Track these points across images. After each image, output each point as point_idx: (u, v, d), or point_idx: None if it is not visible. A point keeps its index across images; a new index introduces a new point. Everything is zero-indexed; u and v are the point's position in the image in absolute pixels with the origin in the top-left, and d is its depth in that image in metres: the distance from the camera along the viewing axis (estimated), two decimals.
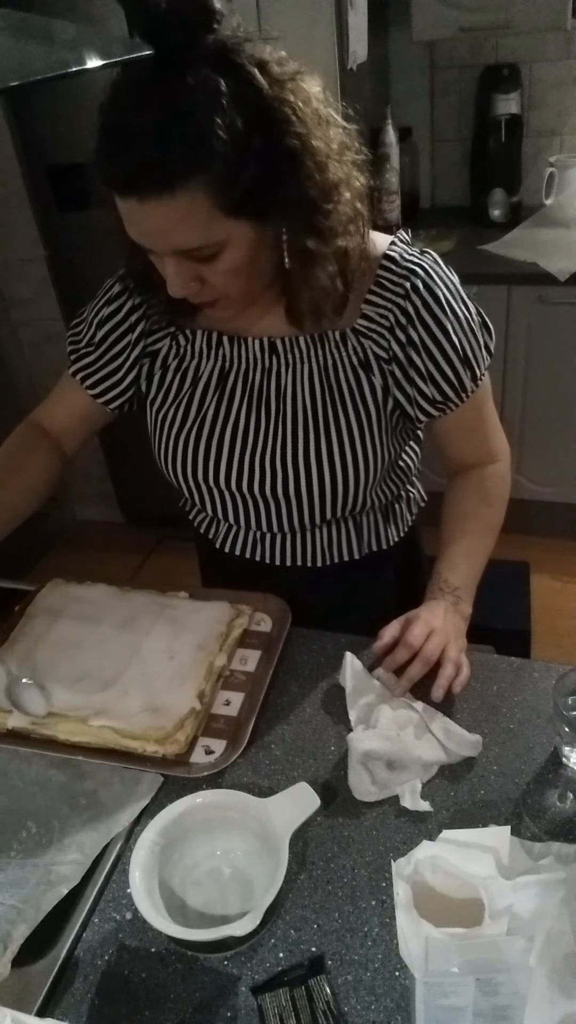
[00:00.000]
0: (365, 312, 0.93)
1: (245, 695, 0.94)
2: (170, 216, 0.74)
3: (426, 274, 0.91)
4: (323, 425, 0.95)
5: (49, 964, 0.71)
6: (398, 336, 0.93)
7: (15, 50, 0.69)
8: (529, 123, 2.37)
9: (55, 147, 2.16)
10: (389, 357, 0.94)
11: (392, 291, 0.92)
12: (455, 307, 0.93)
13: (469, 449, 1.06)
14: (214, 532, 1.14)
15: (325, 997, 0.66)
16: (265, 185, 0.76)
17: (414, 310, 0.91)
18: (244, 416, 0.98)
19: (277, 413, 0.96)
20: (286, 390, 0.96)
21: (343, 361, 0.94)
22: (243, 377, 0.97)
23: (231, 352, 0.97)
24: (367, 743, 0.83)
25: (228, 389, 0.98)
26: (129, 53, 0.81)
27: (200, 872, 0.76)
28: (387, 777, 0.82)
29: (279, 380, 0.96)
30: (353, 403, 0.95)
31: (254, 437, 0.97)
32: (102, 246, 0.94)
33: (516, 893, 0.57)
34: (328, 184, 0.80)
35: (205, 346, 0.98)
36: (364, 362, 0.94)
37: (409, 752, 0.83)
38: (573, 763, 0.81)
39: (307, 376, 0.95)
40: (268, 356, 0.96)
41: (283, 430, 0.96)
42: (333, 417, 0.95)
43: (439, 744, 0.84)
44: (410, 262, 0.92)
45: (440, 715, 0.87)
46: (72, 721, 0.89)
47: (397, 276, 0.91)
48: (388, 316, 0.92)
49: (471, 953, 0.55)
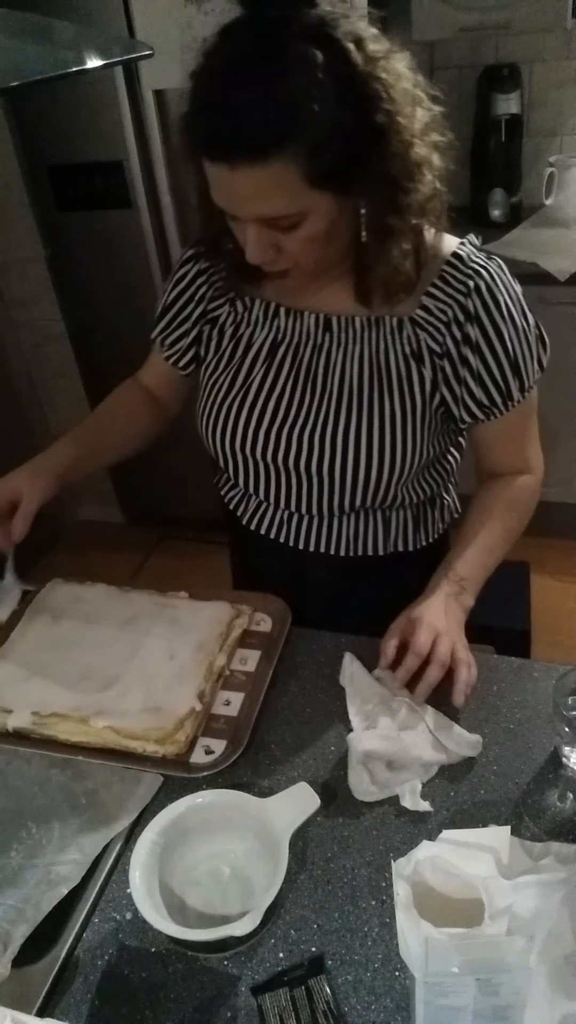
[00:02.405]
0: (424, 303, 0.93)
1: (245, 695, 0.94)
2: (259, 185, 0.76)
3: (491, 277, 0.92)
4: (367, 408, 0.96)
5: (49, 964, 0.71)
6: (454, 332, 0.93)
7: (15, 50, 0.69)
8: (529, 123, 2.37)
9: (55, 147, 2.16)
10: (442, 352, 0.95)
11: (455, 287, 0.92)
12: (514, 314, 0.94)
13: (505, 458, 1.06)
14: (243, 508, 1.15)
15: (325, 997, 0.66)
16: (351, 160, 0.77)
17: (474, 309, 0.92)
18: (289, 389, 0.99)
19: (323, 390, 0.97)
20: (335, 369, 0.97)
21: (396, 348, 0.95)
22: (293, 350, 0.99)
23: (285, 324, 0.98)
24: (367, 743, 0.83)
25: (277, 360, 0.99)
26: (129, 53, 0.81)
27: (200, 872, 0.76)
28: (387, 777, 0.82)
29: (328, 358, 0.97)
30: (400, 391, 0.95)
31: (296, 410, 0.98)
32: (102, 246, 0.94)
33: (516, 893, 0.57)
34: (411, 163, 0.81)
35: (261, 315, 1.00)
36: (416, 353, 0.95)
37: (409, 752, 0.83)
38: (573, 763, 0.81)
39: (357, 358, 0.96)
40: (321, 333, 0.97)
41: (326, 408, 0.97)
42: (379, 402, 0.96)
43: (439, 744, 0.84)
44: (477, 263, 0.93)
45: (440, 715, 0.87)
46: (72, 721, 0.89)
47: (462, 274, 0.92)
48: (447, 311, 0.93)
49: (471, 953, 0.55)
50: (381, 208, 0.83)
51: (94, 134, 2.10)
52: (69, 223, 2.29)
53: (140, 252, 2.25)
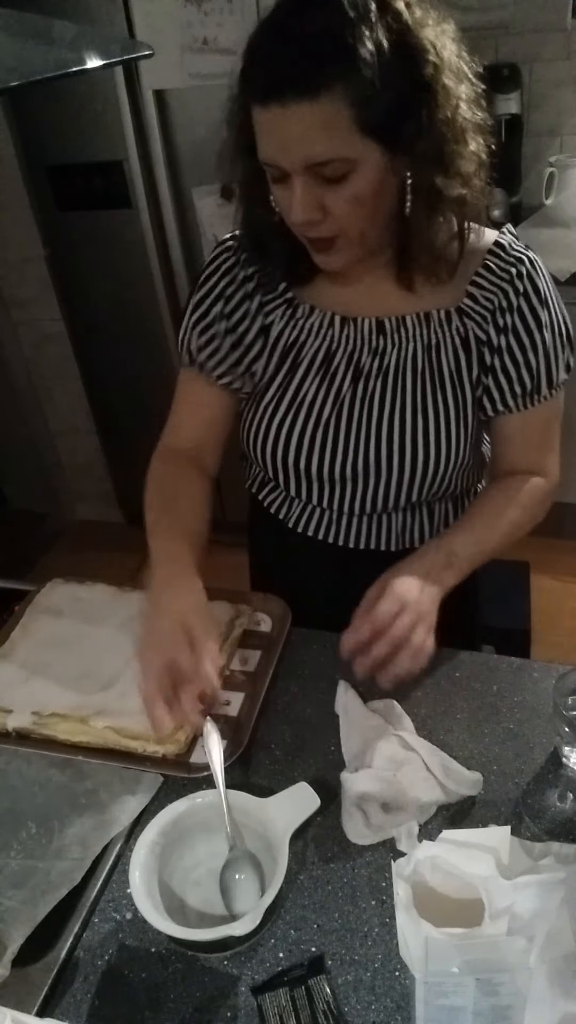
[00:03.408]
0: (471, 292, 0.94)
1: (245, 695, 0.94)
2: (311, 122, 0.75)
3: (531, 265, 0.94)
4: (422, 404, 0.96)
5: (49, 964, 0.71)
6: (497, 321, 0.94)
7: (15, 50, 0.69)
8: (529, 123, 2.37)
9: (55, 147, 2.16)
10: (486, 340, 0.95)
11: (499, 275, 0.93)
12: (551, 305, 0.95)
13: (524, 457, 1.04)
14: (287, 511, 1.13)
15: (325, 997, 0.66)
16: (401, 111, 0.78)
17: (515, 296, 0.93)
18: (347, 399, 0.98)
19: (381, 393, 0.97)
20: (390, 370, 0.96)
21: (446, 341, 0.95)
22: (347, 358, 0.98)
23: (340, 333, 0.97)
24: (362, 785, 0.78)
25: (331, 371, 0.98)
26: (129, 53, 0.81)
27: (200, 872, 0.76)
28: (383, 820, 0.79)
29: (384, 360, 0.96)
30: (452, 384, 0.96)
31: (356, 420, 0.98)
32: (102, 246, 0.94)
33: (516, 893, 0.57)
34: (458, 126, 0.82)
35: (316, 324, 0.98)
36: (465, 343, 0.95)
37: (406, 794, 0.78)
38: (573, 763, 0.81)
39: (411, 355, 0.96)
40: (376, 336, 0.96)
41: (386, 410, 0.97)
42: (432, 397, 0.96)
43: (437, 783, 0.80)
44: (519, 251, 0.94)
45: (439, 752, 0.84)
46: (72, 721, 0.89)
47: (505, 262, 0.93)
48: (492, 299, 0.93)
49: (471, 953, 0.55)
50: (428, 169, 0.82)
51: (94, 134, 2.10)
52: (69, 223, 2.29)
53: (140, 252, 2.25)
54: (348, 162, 0.78)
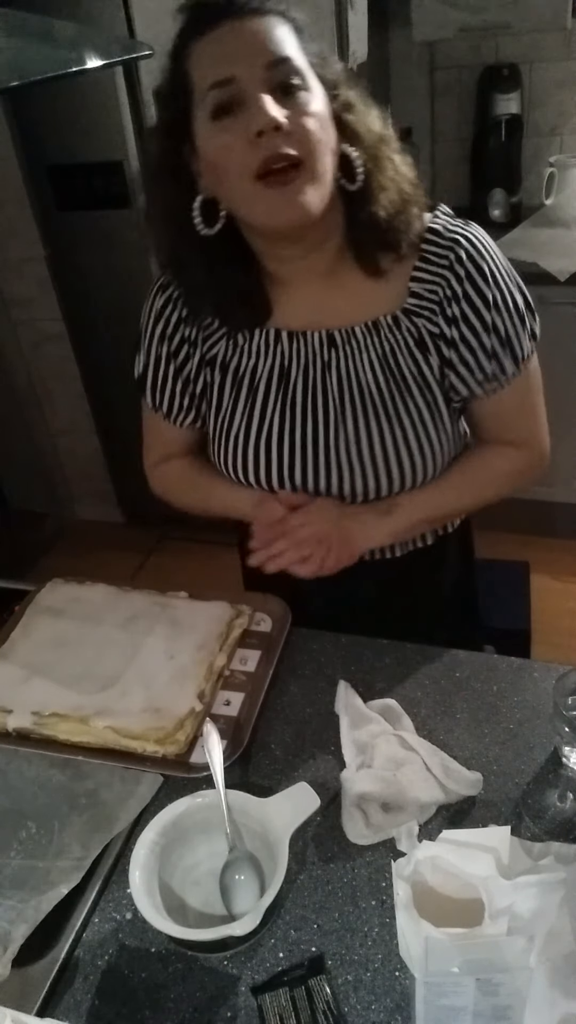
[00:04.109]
0: (414, 290, 0.92)
1: (245, 695, 0.94)
2: (267, 27, 0.80)
3: (471, 244, 0.90)
4: (391, 413, 0.94)
5: (49, 964, 0.71)
6: (446, 312, 0.91)
7: (15, 50, 0.69)
8: (529, 123, 2.37)
9: (55, 147, 2.16)
10: (439, 333, 0.92)
11: (438, 263, 0.90)
12: (499, 281, 0.91)
13: (500, 436, 1.02)
14: None
15: (325, 997, 0.66)
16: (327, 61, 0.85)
17: (458, 282, 0.90)
18: (310, 413, 0.96)
19: (342, 407, 0.94)
20: (349, 382, 0.94)
21: (399, 344, 0.93)
22: (303, 373, 0.95)
23: (289, 349, 0.95)
24: (362, 785, 0.79)
25: (290, 387, 0.96)
26: (129, 53, 0.81)
27: (200, 872, 0.77)
28: (382, 820, 0.78)
29: (339, 373, 0.94)
30: (418, 386, 0.94)
31: (322, 433, 0.95)
32: (102, 246, 0.94)
33: (516, 893, 0.57)
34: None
35: (263, 344, 0.96)
36: (420, 341, 0.93)
37: (406, 794, 0.79)
38: (573, 763, 0.81)
39: (367, 365, 0.94)
40: (327, 350, 0.94)
41: (351, 423, 0.94)
42: (401, 403, 0.94)
43: (437, 784, 0.80)
44: (455, 232, 0.91)
45: (439, 752, 0.84)
46: (72, 721, 0.89)
47: (442, 247, 0.90)
48: (437, 291, 0.91)
49: (471, 953, 0.55)
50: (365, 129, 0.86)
51: (94, 134, 2.10)
52: (69, 223, 2.29)
53: (140, 252, 2.25)
54: (300, 74, 0.80)
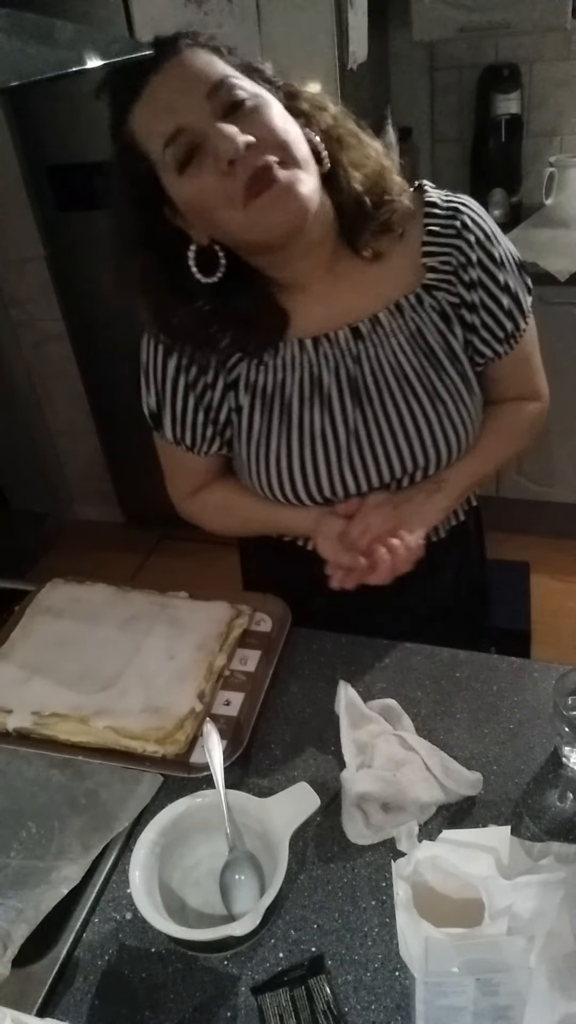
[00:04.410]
0: (428, 264, 0.92)
1: (245, 695, 0.94)
2: (185, 67, 0.79)
3: (470, 209, 0.93)
4: (431, 389, 0.93)
5: (49, 964, 0.71)
6: (463, 278, 0.92)
7: (15, 50, 0.69)
8: (529, 123, 2.37)
9: (55, 147, 2.17)
10: (459, 302, 0.93)
11: (445, 234, 0.92)
12: (500, 240, 0.94)
13: (516, 390, 1.03)
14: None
15: (325, 997, 0.66)
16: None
17: (469, 247, 0.91)
18: (350, 410, 0.94)
19: (379, 395, 0.93)
20: (383, 368, 0.93)
21: (425, 321, 0.93)
22: (335, 374, 0.94)
23: (316, 355, 0.94)
24: (362, 785, 0.79)
25: (324, 392, 0.94)
26: (129, 53, 0.81)
27: (200, 872, 0.77)
28: (382, 819, 0.78)
29: (372, 364, 0.93)
30: (448, 359, 0.94)
31: (363, 427, 0.94)
32: (102, 246, 0.93)
33: (516, 893, 0.57)
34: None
35: (288, 357, 0.94)
36: (443, 314, 0.94)
37: (406, 793, 0.78)
38: (573, 763, 0.81)
39: (398, 347, 0.93)
40: (354, 344, 0.93)
41: (391, 408, 0.93)
42: (437, 379, 0.94)
43: (437, 783, 0.80)
44: (451, 201, 0.93)
45: (439, 752, 0.84)
46: (72, 721, 0.89)
47: (445, 218, 0.92)
48: (450, 260, 0.92)
49: (471, 953, 0.55)
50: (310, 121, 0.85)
51: (94, 134, 2.08)
52: (69, 223, 2.29)
53: None
54: (240, 87, 0.79)
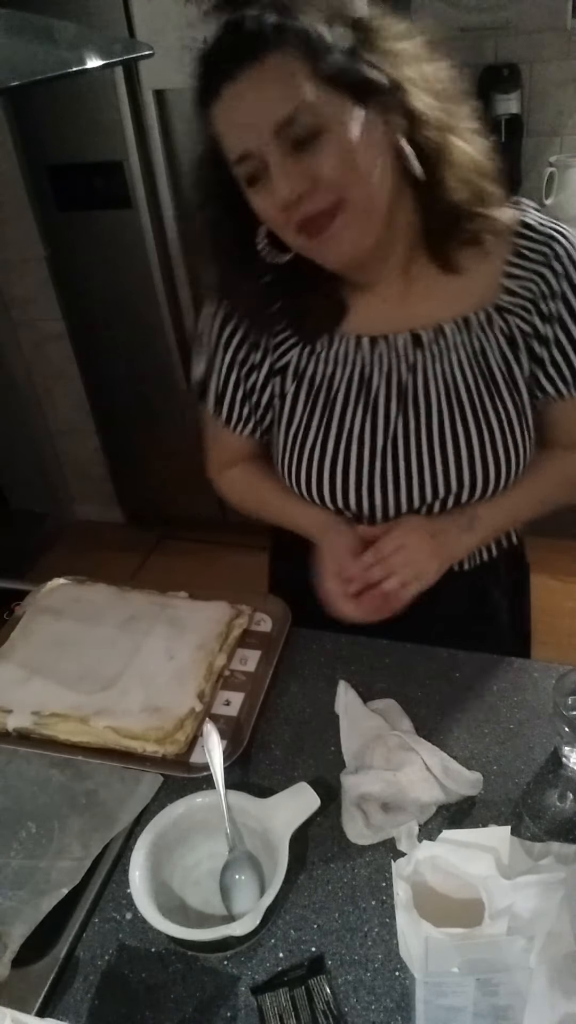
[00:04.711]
0: (507, 286, 0.88)
1: (245, 695, 0.94)
2: (263, 83, 0.73)
3: (567, 240, 0.87)
4: (481, 413, 0.89)
5: (49, 964, 0.71)
6: (541, 309, 0.88)
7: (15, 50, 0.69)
8: (529, 123, 2.37)
9: (55, 147, 2.17)
10: (532, 332, 0.89)
11: (533, 259, 0.87)
12: None
13: (570, 435, 0.97)
14: None
15: (325, 997, 0.66)
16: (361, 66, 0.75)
17: (555, 279, 0.86)
18: (395, 418, 0.91)
19: (427, 412, 0.90)
20: (437, 382, 0.90)
21: (491, 342, 0.89)
22: (386, 378, 0.90)
23: (371, 355, 0.90)
24: (362, 785, 0.79)
25: (372, 396, 0.91)
26: (129, 53, 0.81)
27: (200, 872, 0.77)
28: (382, 820, 0.78)
29: (426, 375, 0.90)
30: (507, 386, 0.90)
31: (402, 438, 0.91)
32: (102, 246, 0.93)
33: (516, 893, 0.57)
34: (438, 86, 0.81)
35: (342, 352, 0.91)
36: (511, 340, 0.89)
37: (406, 794, 0.78)
38: (573, 763, 0.81)
39: (456, 365, 0.89)
40: (412, 351, 0.90)
41: (436, 424, 0.90)
42: (490, 405, 0.90)
43: (437, 783, 0.80)
44: (549, 228, 0.88)
45: (437, 751, 0.83)
46: (72, 721, 0.89)
47: (537, 243, 0.87)
48: (532, 287, 0.87)
49: (471, 953, 0.55)
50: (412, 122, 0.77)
51: (94, 134, 2.10)
52: (69, 223, 2.29)
53: (140, 252, 2.25)
54: (314, 114, 0.73)
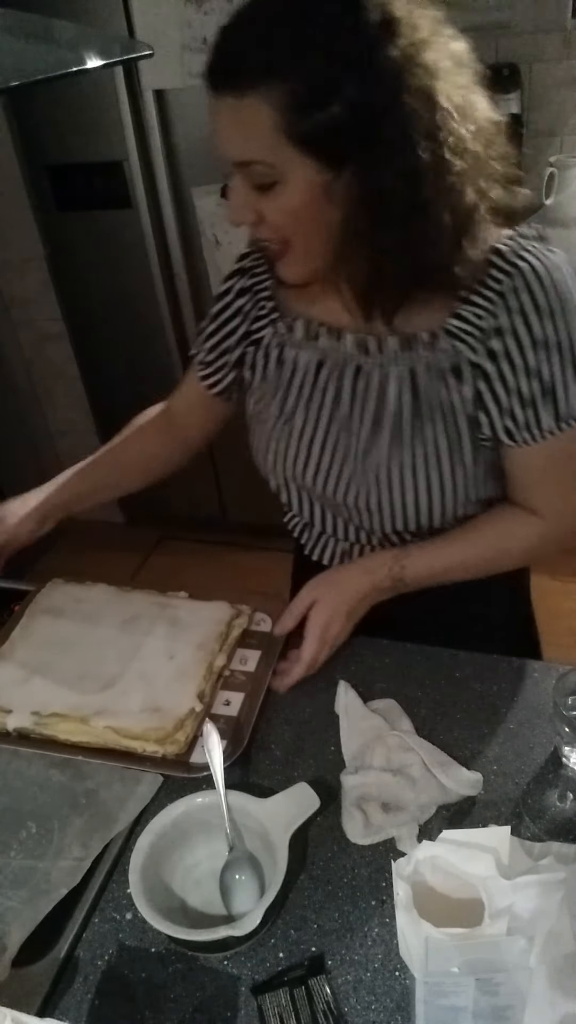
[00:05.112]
0: (459, 311, 0.83)
1: (245, 695, 0.94)
2: (233, 117, 0.72)
3: (535, 273, 0.80)
4: (408, 437, 0.88)
5: (49, 964, 0.71)
6: (489, 345, 0.82)
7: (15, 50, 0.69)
8: (529, 123, 2.37)
9: (55, 147, 2.17)
10: (477, 364, 0.84)
11: (492, 289, 0.81)
12: (558, 321, 0.80)
13: (520, 496, 0.92)
14: (305, 537, 1.11)
15: (325, 997, 0.66)
16: (348, 132, 0.70)
17: (508, 315, 0.81)
18: (334, 415, 0.93)
19: (363, 417, 0.91)
20: (374, 393, 0.90)
21: (432, 366, 0.85)
22: (336, 373, 0.92)
23: (327, 345, 0.92)
24: (362, 785, 0.79)
25: (321, 384, 0.93)
26: (129, 53, 0.81)
27: (200, 872, 0.77)
28: (382, 819, 0.78)
29: (368, 381, 0.90)
30: (442, 415, 0.87)
31: (342, 440, 0.93)
32: (102, 246, 0.94)
33: (516, 893, 0.57)
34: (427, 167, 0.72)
35: (303, 336, 0.94)
36: (455, 368, 0.85)
37: (406, 794, 0.79)
38: (573, 763, 0.81)
39: (395, 380, 0.87)
40: (359, 354, 0.90)
41: (368, 437, 0.91)
42: (419, 428, 0.87)
43: (437, 783, 0.80)
44: (522, 258, 0.80)
45: (437, 751, 0.84)
46: (72, 721, 0.89)
47: (501, 272, 0.81)
48: (485, 317, 0.82)
49: (471, 953, 0.55)
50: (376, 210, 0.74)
51: (94, 134, 2.10)
52: (69, 223, 2.29)
53: (140, 252, 2.25)
54: (273, 170, 0.73)
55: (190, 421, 1.13)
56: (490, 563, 0.96)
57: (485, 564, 0.96)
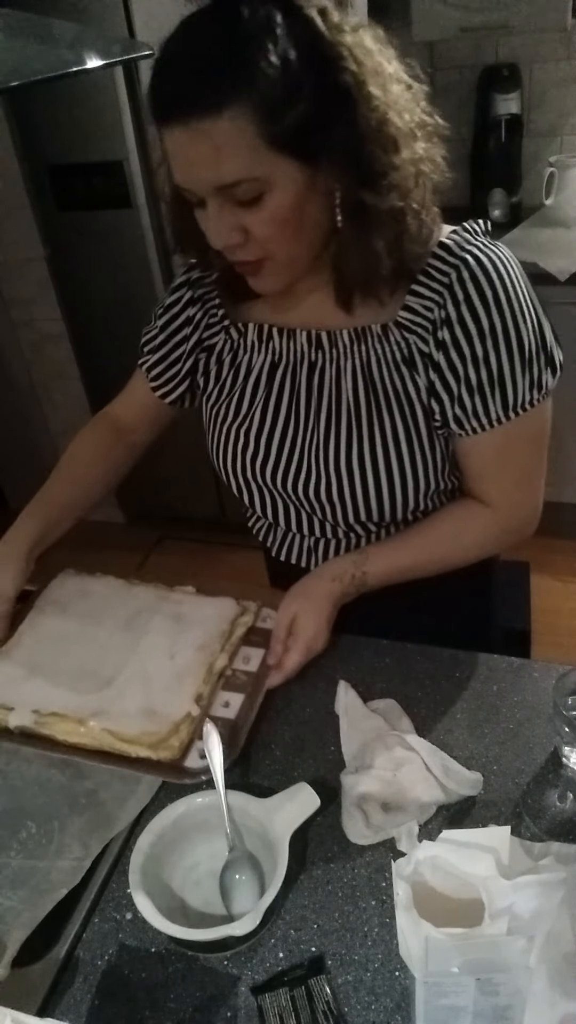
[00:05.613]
0: (408, 303, 0.86)
1: (245, 696, 0.93)
2: (215, 142, 0.72)
3: (480, 265, 0.82)
4: (366, 427, 0.90)
5: (49, 964, 0.71)
6: (437, 335, 0.85)
7: (15, 50, 0.69)
8: (529, 123, 2.37)
9: (55, 147, 2.17)
10: (428, 354, 0.87)
11: (439, 280, 0.84)
12: (507, 311, 0.83)
13: (472, 485, 0.95)
14: (271, 539, 1.12)
15: (325, 997, 0.66)
16: (315, 123, 0.73)
17: (454, 305, 0.83)
18: (292, 413, 0.95)
19: (318, 411, 0.93)
20: (329, 387, 0.92)
21: (385, 357, 0.89)
22: (291, 372, 0.94)
23: (280, 345, 0.95)
24: (362, 785, 0.79)
25: (276, 384, 0.96)
26: (129, 53, 0.81)
27: (200, 872, 0.77)
28: (382, 819, 0.78)
29: (323, 376, 0.92)
30: (399, 404, 0.89)
31: (299, 435, 0.95)
32: (102, 246, 0.94)
33: (516, 893, 0.57)
34: (385, 134, 0.76)
35: (256, 339, 0.96)
36: (408, 358, 0.88)
37: (406, 794, 0.79)
38: (573, 763, 0.81)
39: (349, 373, 0.90)
40: (314, 350, 0.92)
41: (325, 429, 0.93)
42: (377, 419, 0.90)
43: (437, 783, 0.80)
44: (468, 251, 0.84)
45: (437, 751, 0.83)
46: (70, 722, 0.89)
47: (447, 265, 0.84)
48: (433, 309, 0.85)
49: (471, 953, 0.55)
50: (354, 183, 0.76)
51: (94, 134, 2.10)
52: (69, 223, 2.29)
53: (140, 252, 2.25)
54: (259, 182, 0.74)
55: (138, 427, 1.15)
56: (446, 559, 0.99)
57: (441, 561, 0.99)
